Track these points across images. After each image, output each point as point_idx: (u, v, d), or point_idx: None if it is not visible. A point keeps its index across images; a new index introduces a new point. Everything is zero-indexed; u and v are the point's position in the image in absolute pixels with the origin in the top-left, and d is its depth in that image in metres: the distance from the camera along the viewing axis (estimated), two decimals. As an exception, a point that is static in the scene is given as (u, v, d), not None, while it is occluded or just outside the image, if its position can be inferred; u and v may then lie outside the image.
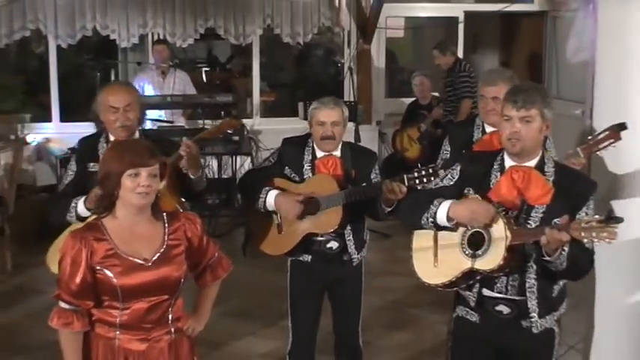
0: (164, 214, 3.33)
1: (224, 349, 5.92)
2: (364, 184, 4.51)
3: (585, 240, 3.23)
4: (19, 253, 7.76)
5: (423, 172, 4.09)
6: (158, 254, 3.23)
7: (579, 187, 3.54)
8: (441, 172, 3.92)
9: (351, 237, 4.53)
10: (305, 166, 4.56)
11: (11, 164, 8.17)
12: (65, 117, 10.08)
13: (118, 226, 3.21)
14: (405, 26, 11.24)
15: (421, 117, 9.60)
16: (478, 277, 3.53)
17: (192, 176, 4.34)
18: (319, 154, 4.56)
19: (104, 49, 11.64)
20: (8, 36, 9.57)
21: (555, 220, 3.38)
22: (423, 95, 9.73)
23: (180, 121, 9.41)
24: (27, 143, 9.27)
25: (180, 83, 9.31)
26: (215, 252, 3.50)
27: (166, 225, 3.30)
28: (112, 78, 12.34)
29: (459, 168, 3.67)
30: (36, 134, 9.64)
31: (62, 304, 3.21)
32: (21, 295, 6.84)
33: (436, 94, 9.87)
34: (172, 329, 3.32)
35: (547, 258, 3.36)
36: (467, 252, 3.50)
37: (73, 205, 4.19)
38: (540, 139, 3.55)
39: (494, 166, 3.59)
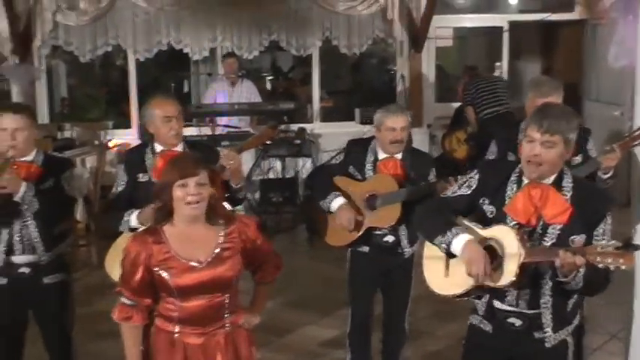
0: (220, 219, 3.28)
1: (288, 337, 5.89)
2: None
3: (600, 265, 2.94)
4: (104, 248, 7.71)
5: None
6: (212, 256, 3.19)
7: (596, 204, 3.23)
8: (460, 179, 3.68)
9: (405, 232, 4.60)
10: (367, 166, 4.63)
11: (96, 167, 8.27)
12: (144, 124, 10.15)
13: (176, 231, 3.20)
14: (454, 36, 11.10)
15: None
16: (488, 289, 3.28)
17: (234, 185, 4.26)
18: (381, 155, 4.61)
19: (178, 62, 11.73)
20: (92, 51, 9.72)
21: (573, 236, 3.16)
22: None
23: (249, 128, 9.41)
24: (109, 148, 9.38)
25: (247, 92, 9.32)
26: (270, 251, 3.47)
27: (222, 228, 3.26)
28: (185, 88, 12.45)
29: (477, 177, 3.38)
30: (118, 140, 9.76)
31: (123, 299, 3.21)
32: (106, 287, 6.88)
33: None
34: (228, 323, 3.28)
35: (562, 279, 3.11)
36: None
37: (125, 218, 4.15)
38: (560, 163, 3.24)
39: (512, 178, 3.30)
